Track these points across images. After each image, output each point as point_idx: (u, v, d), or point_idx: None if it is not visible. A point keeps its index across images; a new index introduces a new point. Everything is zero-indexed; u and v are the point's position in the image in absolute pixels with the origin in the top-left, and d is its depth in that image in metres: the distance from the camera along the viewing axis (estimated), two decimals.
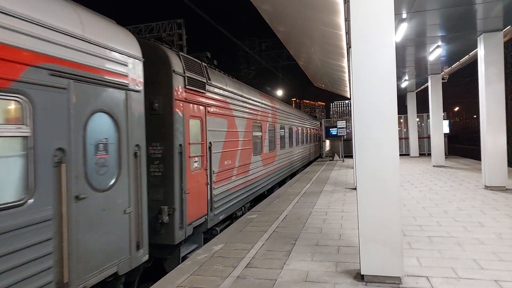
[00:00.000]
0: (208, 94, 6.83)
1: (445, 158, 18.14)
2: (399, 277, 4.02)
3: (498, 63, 9.92)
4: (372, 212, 4.11)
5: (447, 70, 16.11)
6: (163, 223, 5.32)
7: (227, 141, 7.76)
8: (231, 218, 8.20)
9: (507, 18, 8.92)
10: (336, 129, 22.58)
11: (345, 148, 23.81)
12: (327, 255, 5.06)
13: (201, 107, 6.53)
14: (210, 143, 6.81)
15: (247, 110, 9.39)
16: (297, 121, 18.07)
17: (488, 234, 5.74)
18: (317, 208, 8.36)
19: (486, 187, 10.00)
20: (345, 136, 22.26)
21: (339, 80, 18.77)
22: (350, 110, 13.10)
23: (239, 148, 8.53)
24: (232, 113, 8.22)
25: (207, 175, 6.65)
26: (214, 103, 7.16)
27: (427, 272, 4.30)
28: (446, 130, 20.50)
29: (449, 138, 24.54)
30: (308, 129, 22.81)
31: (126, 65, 4.30)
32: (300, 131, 18.88)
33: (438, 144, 16.79)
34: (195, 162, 6.22)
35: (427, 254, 4.94)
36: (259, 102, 10.71)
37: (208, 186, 6.67)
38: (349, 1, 4.85)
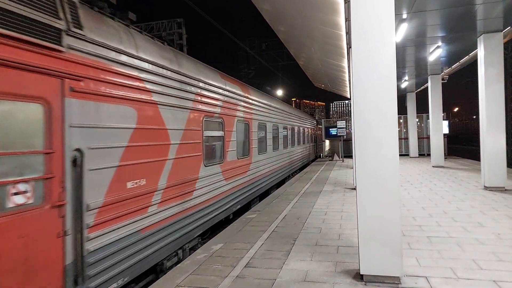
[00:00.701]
0: (74, 54, 3.58)
1: (445, 158, 18.16)
2: (398, 277, 4.02)
3: (498, 64, 9.93)
4: (372, 212, 4.11)
5: (447, 70, 16.13)
6: None
7: (135, 147, 4.46)
8: (155, 272, 5.09)
9: (507, 19, 8.92)
10: (336, 129, 22.59)
11: (344, 148, 23.81)
12: (327, 255, 5.06)
13: (46, 79, 3.30)
14: (78, 151, 3.56)
15: (191, 97, 6.03)
16: (286, 119, 15.08)
17: (487, 235, 5.74)
18: (317, 208, 8.36)
19: (486, 188, 10.01)
20: (344, 136, 22.27)
21: (339, 80, 18.78)
22: (350, 110, 13.10)
23: (169, 158, 5.23)
24: (151, 98, 4.86)
25: (64, 217, 3.38)
26: (98, 75, 3.90)
27: (427, 272, 4.30)
28: (446, 130, 20.51)
29: (449, 139, 24.56)
30: (302, 128, 19.65)
31: None
32: (290, 130, 15.82)
33: (437, 144, 16.80)
34: (15, 194, 2.99)
35: (426, 254, 4.94)
36: (218, 87, 7.30)
37: (69, 237, 3.43)
38: (349, 1, 4.85)
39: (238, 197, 8.39)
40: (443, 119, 18.17)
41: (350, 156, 22.44)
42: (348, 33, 9.20)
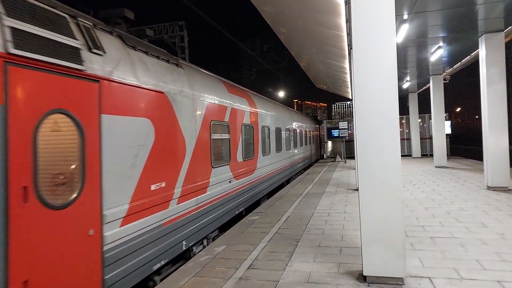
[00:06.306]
0: None
1: (447, 158, 18.12)
2: (401, 278, 4.02)
3: (499, 64, 9.91)
4: (375, 213, 4.11)
5: (448, 70, 16.10)
6: None
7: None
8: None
9: (509, 19, 8.91)
10: (337, 130, 22.60)
11: (346, 149, 23.80)
12: (330, 256, 5.06)
13: None
14: None
15: None
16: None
17: (491, 235, 5.72)
18: (319, 209, 8.35)
19: (489, 188, 9.97)
20: (347, 137, 22.26)
21: (341, 81, 18.77)
22: (352, 111, 13.09)
23: None
24: None
25: None
26: None
27: (430, 273, 4.29)
28: (448, 130, 20.44)
29: (451, 139, 24.46)
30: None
31: None
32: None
33: (440, 144, 16.76)
34: None
35: (429, 254, 4.93)
36: None
37: None
38: (350, 2, 4.87)
39: None
40: (446, 119, 18.12)
41: (353, 157, 22.40)
42: (349, 34, 9.21)
